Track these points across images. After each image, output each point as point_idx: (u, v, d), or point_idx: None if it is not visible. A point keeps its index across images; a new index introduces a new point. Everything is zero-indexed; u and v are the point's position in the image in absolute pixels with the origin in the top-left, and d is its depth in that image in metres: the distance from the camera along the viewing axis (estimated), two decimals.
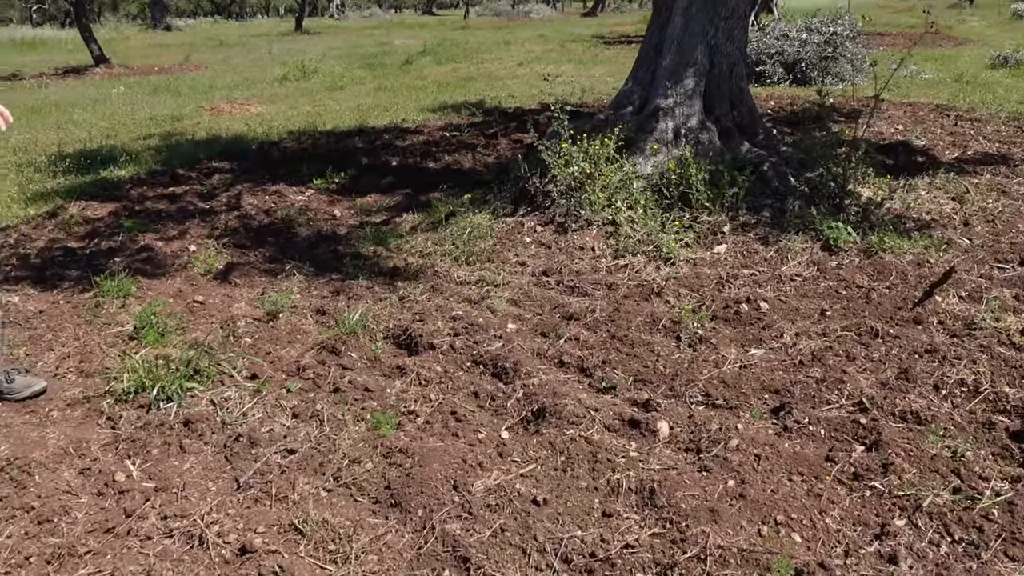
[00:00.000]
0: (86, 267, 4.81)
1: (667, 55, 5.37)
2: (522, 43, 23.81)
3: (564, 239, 4.81)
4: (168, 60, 22.40)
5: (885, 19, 29.89)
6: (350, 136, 8.98)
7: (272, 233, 5.49)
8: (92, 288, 4.40)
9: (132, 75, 18.46)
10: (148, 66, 20.81)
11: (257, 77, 16.60)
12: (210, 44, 29.68)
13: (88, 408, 3.18)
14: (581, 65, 16.83)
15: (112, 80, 17.01)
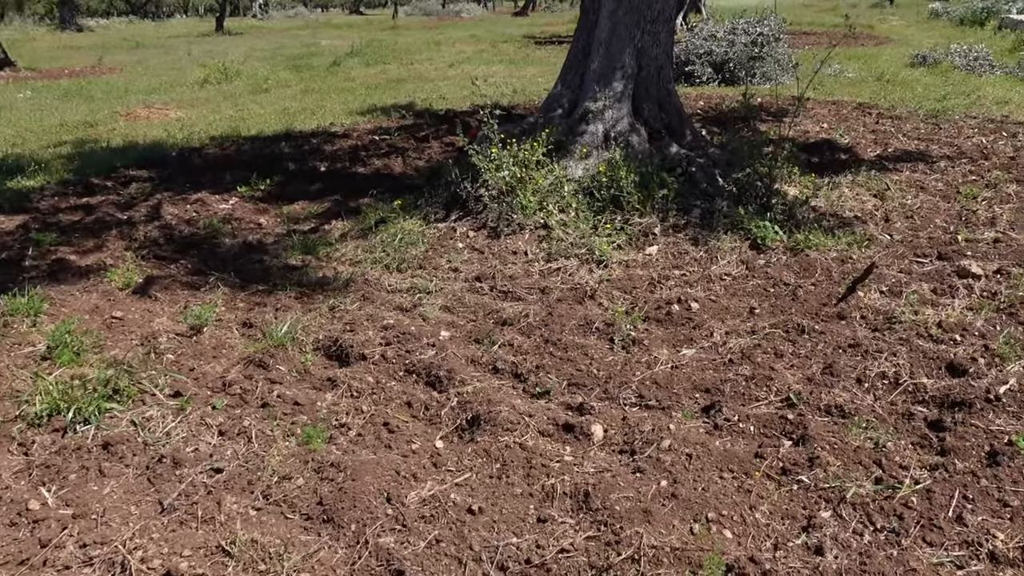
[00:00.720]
0: None
1: (595, 58, 5.47)
2: (453, 43, 23.83)
3: (497, 244, 4.85)
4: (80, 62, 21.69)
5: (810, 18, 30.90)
6: (276, 141, 8.87)
7: (194, 244, 5.39)
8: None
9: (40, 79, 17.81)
10: (58, 69, 20.14)
11: (176, 80, 16.21)
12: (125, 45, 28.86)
13: None
14: (513, 66, 16.95)
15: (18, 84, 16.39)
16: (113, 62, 21.57)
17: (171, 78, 16.71)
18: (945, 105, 9.81)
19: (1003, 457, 2.73)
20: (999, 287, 4.18)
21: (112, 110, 11.81)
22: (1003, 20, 20.69)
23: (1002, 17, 21.17)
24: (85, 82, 16.23)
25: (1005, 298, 4.03)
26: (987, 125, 8.60)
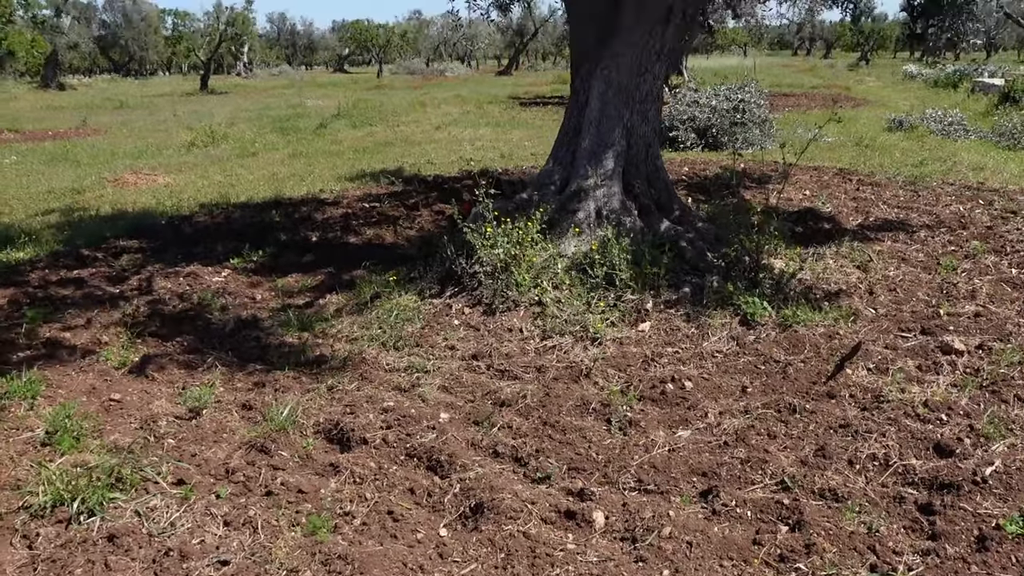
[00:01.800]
0: None
1: (586, 137, 5.69)
2: (439, 104, 24.32)
3: (492, 321, 4.98)
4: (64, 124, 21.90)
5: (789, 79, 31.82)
6: (266, 209, 9.02)
7: (189, 320, 5.47)
8: None
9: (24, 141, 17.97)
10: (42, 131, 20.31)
11: (162, 143, 16.42)
12: (109, 105, 29.14)
13: (0, 526, 3.12)
14: (499, 128, 17.31)
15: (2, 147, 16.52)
16: (98, 123, 21.80)
17: (157, 140, 16.91)
18: (923, 171, 10.16)
19: (991, 542, 2.84)
20: (981, 363, 4.35)
21: (100, 176, 11.94)
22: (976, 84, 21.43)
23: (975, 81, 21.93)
24: (70, 145, 16.40)
25: (987, 375, 4.19)
26: (964, 192, 8.92)
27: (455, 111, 22.10)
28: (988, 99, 18.72)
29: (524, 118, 19.84)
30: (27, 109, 27.46)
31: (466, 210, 5.80)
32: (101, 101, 31.11)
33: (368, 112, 21.45)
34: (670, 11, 5.59)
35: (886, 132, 14.56)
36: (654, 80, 5.82)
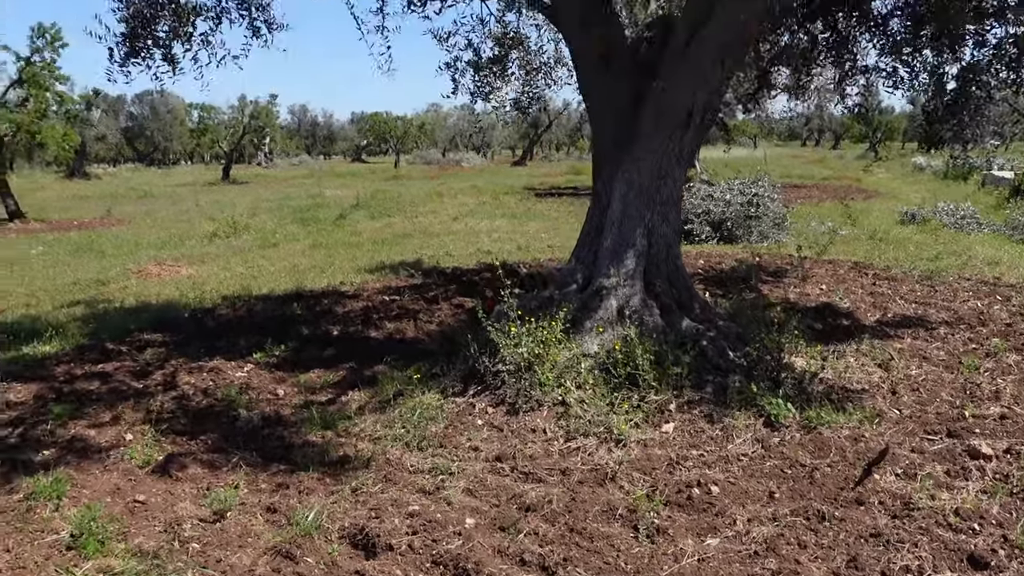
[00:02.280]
0: (11, 462, 4.71)
1: (608, 237, 5.81)
2: (455, 195, 24.81)
3: (516, 421, 4.99)
4: (88, 213, 22.45)
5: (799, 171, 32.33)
6: (287, 302, 9.14)
7: (213, 416, 5.51)
8: (20, 488, 4.33)
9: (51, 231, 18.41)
10: (67, 220, 20.82)
11: (185, 233, 16.78)
12: (133, 195, 29.90)
13: None
14: (515, 220, 17.61)
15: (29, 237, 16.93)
16: (122, 213, 22.33)
17: (180, 231, 17.29)
18: (938, 265, 10.22)
19: None
20: (1011, 468, 4.30)
21: (124, 267, 12.19)
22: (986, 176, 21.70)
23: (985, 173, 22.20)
24: (95, 235, 16.78)
25: (1018, 481, 4.14)
26: (981, 288, 8.96)
27: (472, 202, 22.54)
28: (999, 192, 18.94)
29: (539, 209, 20.19)
30: (53, 199, 28.20)
31: (489, 307, 5.88)
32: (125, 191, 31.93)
33: (386, 203, 21.91)
34: (689, 116, 5.78)
35: (899, 225, 14.71)
36: (674, 183, 5.97)
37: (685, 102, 5.78)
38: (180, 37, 5.36)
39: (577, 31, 6.43)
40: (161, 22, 5.29)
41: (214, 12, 5.55)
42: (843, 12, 6.11)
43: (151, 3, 5.23)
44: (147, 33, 5.28)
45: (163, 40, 5.33)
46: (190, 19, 5.37)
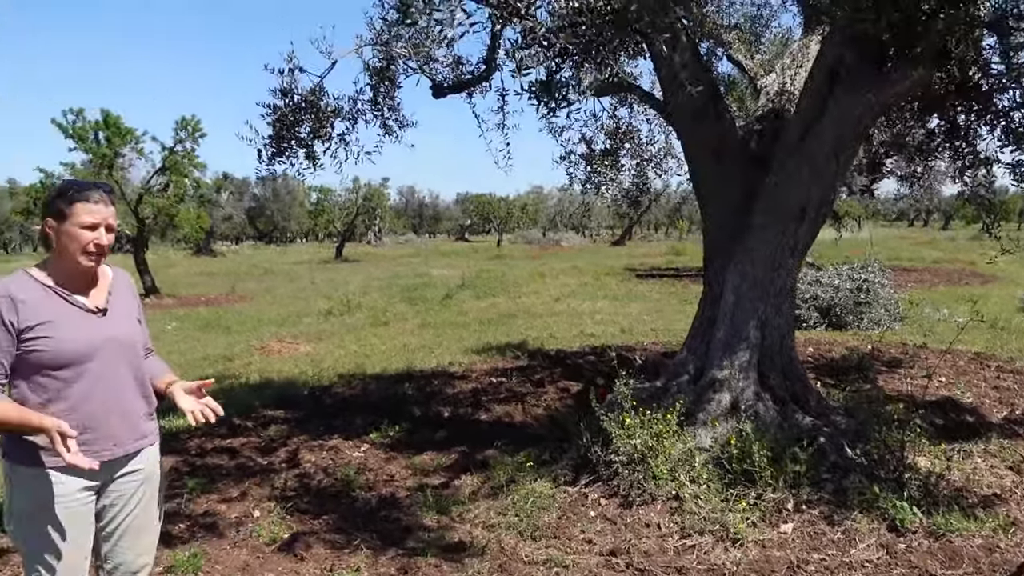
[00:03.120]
0: None
1: (720, 329, 5.76)
2: (556, 275, 25.03)
3: (629, 514, 4.91)
4: (214, 290, 23.72)
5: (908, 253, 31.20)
6: (399, 381, 9.36)
7: (333, 496, 5.64)
8: (161, 561, 4.52)
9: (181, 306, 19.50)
10: (195, 296, 22.03)
11: (302, 310, 17.48)
12: (254, 272, 31.45)
13: None
14: (617, 301, 17.59)
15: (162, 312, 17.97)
16: (244, 289, 23.51)
17: (297, 308, 18.04)
18: None
19: None
20: None
21: (248, 343, 12.77)
22: None
23: None
24: (221, 311, 17.69)
25: None
26: None
27: (573, 282, 22.68)
28: None
29: (641, 291, 20.12)
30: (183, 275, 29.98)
31: (601, 395, 5.87)
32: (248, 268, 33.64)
33: (490, 282, 22.30)
34: (803, 211, 5.74)
35: (1021, 312, 13.94)
36: (788, 274, 5.90)
37: (799, 197, 5.74)
38: (320, 137, 5.74)
39: (688, 125, 6.52)
40: (304, 124, 5.69)
41: (351, 114, 5.92)
42: (963, 105, 5.99)
43: (295, 108, 5.64)
44: (291, 135, 5.68)
45: (305, 140, 5.72)
46: (329, 121, 5.75)
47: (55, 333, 2.68)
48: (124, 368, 2.89)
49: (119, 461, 2.89)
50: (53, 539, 2.72)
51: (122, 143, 21.25)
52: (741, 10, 9.15)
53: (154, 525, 3.13)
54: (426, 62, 6.08)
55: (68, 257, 2.74)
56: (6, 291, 2.64)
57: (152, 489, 3.08)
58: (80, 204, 2.72)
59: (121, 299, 2.97)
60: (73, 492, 2.75)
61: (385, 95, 6.23)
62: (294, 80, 5.71)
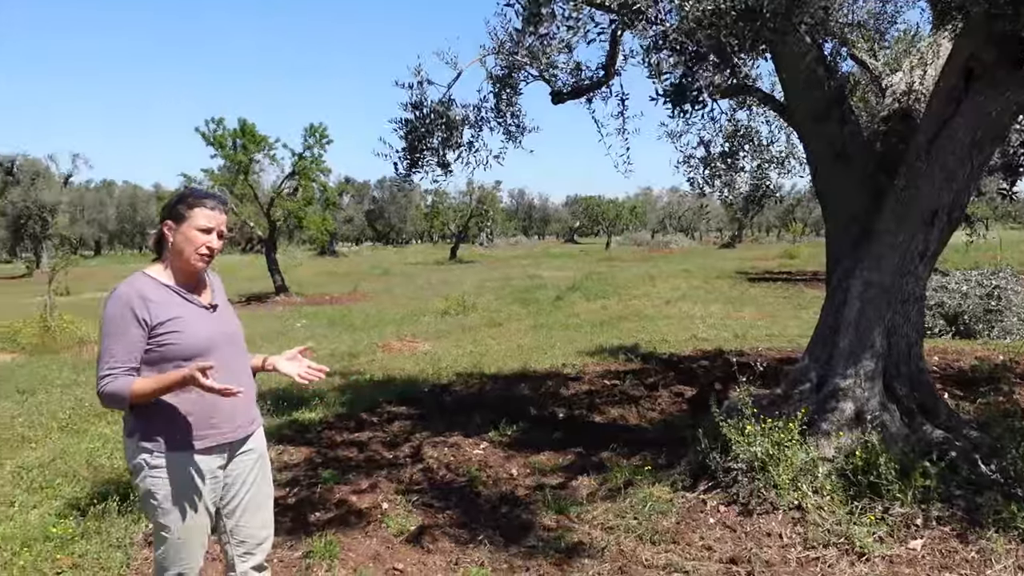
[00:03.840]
0: (293, 521, 5.19)
1: (844, 337, 5.55)
2: (667, 278, 24.68)
3: (749, 522, 4.81)
4: (338, 289, 24.62)
5: None
6: (515, 382, 9.47)
7: (456, 491, 5.78)
8: (300, 546, 4.76)
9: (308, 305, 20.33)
10: (321, 295, 22.92)
11: (420, 310, 17.93)
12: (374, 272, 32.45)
13: None
14: (729, 305, 17.19)
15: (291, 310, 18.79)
16: (365, 289, 24.29)
17: (415, 308, 18.51)
18: None
19: None
20: None
21: (371, 340, 13.21)
22: None
23: None
24: (345, 310, 18.36)
25: None
26: None
27: (683, 285, 22.31)
28: None
29: (753, 295, 19.59)
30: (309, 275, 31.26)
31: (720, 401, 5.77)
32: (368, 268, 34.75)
33: (601, 285, 22.22)
34: (934, 215, 5.46)
35: None
36: (916, 281, 5.62)
37: (930, 200, 5.46)
38: (451, 146, 5.92)
39: (811, 127, 6.31)
40: (435, 135, 5.87)
41: (476, 122, 6.07)
42: None
43: (425, 119, 5.82)
44: (423, 145, 5.87)
45: (437, 150, 5.91)
46: (459, 129, 5.92)
47: (182, 328, 2.92)
48: (236, 358, 3.13)
49: (238, 442, 3.13)
50: (184, 517, 2.97)
51: (256, 149, 22.39)
52: (865, 7, 8.78)
53: (269, 501, 3.35)
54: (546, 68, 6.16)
55: (183, 258, 2.98)
56: (138, 292, 2.90)
57: (264, 467, 3.32)
58: (198, 209, 2.96)
59: (222, 297, 3.23)
60: (204, 472, 2.98)
61: (507, 102, 6.35)
62: (423, 92, 5.90)
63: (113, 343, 2.84)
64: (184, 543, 2.99)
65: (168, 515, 2.95)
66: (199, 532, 3.03)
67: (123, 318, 2.84)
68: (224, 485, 3.12)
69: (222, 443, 3.02)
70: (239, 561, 3.22)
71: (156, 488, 2.92)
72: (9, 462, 6.90)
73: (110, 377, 2.82)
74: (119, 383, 2.81)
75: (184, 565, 3.02)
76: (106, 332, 2.86)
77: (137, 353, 2.87)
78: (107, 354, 2.84)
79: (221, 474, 3.07)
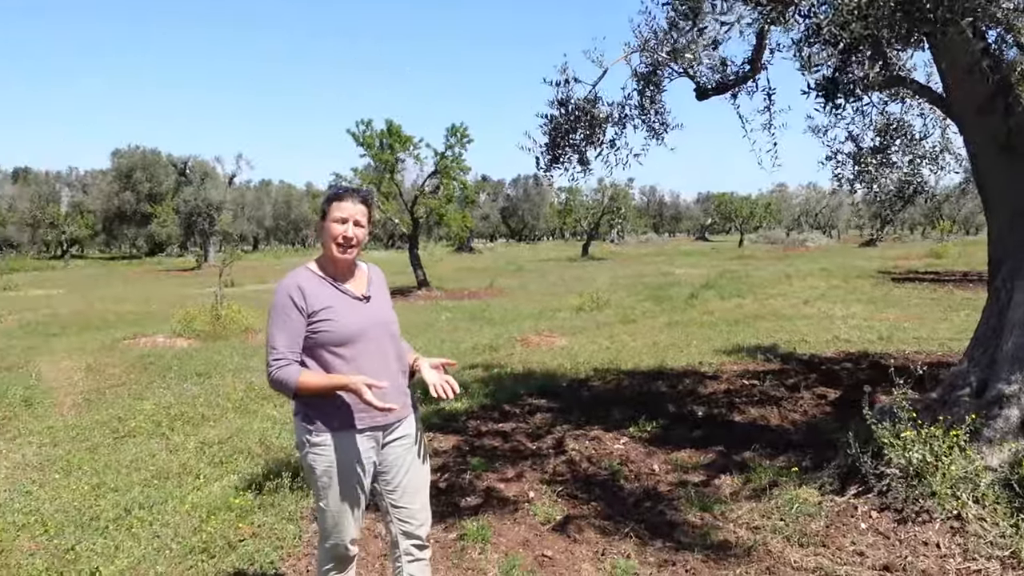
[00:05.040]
0: (447, 505, 5.39)
1: (1008, 340, 5.17)
2: (804, 277, 23.70)
3: (904, 530, 4.58)
4: (475, 284, 25.16)
5: None
6: (652, 379, 9.39)
7: (598, 484, 5.82)
8: (454, 528, 4.94)
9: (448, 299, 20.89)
10: (459, 290, 23.50)
11: (554, 306, 18.05)
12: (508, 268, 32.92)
13: None
14: (872, 306, 16.31)
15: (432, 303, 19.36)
16: (501, 284, 24.69)
17: (550, 304, 18.65)
18: None
19: None
20: None
21: (509, 335, 13.43)
22: None
23: None
24: (483, 304, 18.75)
25: None
26: None
27: (822, 285, 21.35)
28: None
29: (898, 296, 18.48)
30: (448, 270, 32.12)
31: (872, 403, 5.51)
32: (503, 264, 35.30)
33: (735, 283, 21.60)
34: None
35: None
36: None
37: None
38: (593, 143, 5.95)
39: (972, 119, 5.92)
40: (578, 131, 5.92)
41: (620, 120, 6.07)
42: None
43: (569, 117, 5.88)
44: (566, 142, 5.94)
45: (579, 146, 5.96)
46: (601, 127, 5.94)
47: (334, 316, 3.10)
48: (388, 346, 3.28)
49: (392, 427, 3.29)
50: (339, 491, 3.18)
51: (401, 149, 23.22)
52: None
53: (426, 483, 3.51)
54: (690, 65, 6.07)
55: (328, 249, 3.18)
56: (295, 283, 3.12)
57: (421, 450, 3.46)
58: (335, 203, 3.17)
59: (378, 289, 3.37)
60: (357, 452, 3.17)
61: (651, 99, 6.30)
62: (569, 90, 5.96)
63: (279, 331, 3.05)
64: (338, 515, 3.22)
65: (325, 489, 3.18)
66: (352, 506, 3.23)
67: (285, 307, 3.07)
68: (384, 469, 3.31)
69: (374, 426, 3.20)
70: (402, 539, 3.40)
71: (315, 464, 3.16)
72: (192, 438, 7.51)
73: (280, 363, 3.03)
74: (287, 372, 3.02)
75: (339, 535, 3.27)
76: (272, 321, 3.08)
77: (300, 339, 3.06)
78: (274, 340, 3.05)
79: (374, 455, 3.25)
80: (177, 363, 11.71)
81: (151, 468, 6.55)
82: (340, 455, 3.14)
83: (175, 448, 7.18)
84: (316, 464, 3.16)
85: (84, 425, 8.20)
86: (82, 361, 12.32)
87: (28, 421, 8.54)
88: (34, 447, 7.46)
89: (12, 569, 4.51)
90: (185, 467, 6.54)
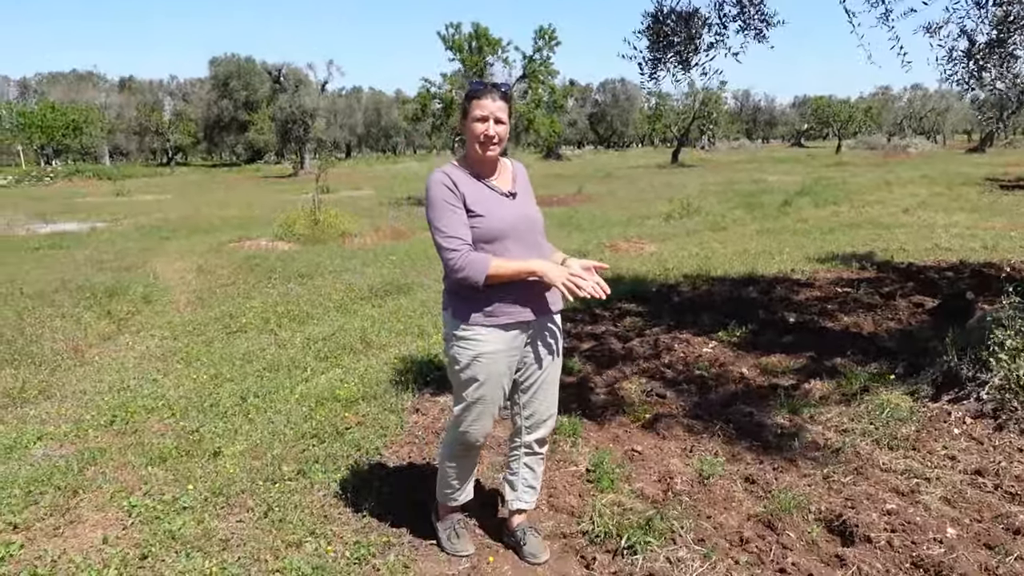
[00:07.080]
0: None
1: None
2: (904, 184, 22.50)
3: (999, 436, 4.49)
4: (563, 190, 24.96)
5: None
6: (742, 285, 9.26)
7: (688, 383, 5.88)
8: None
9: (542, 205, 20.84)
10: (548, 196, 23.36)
11: (643, 213, 17.80)
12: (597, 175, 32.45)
13: (564, 544, 3.71)
14: (976, 215, 15.43)
15: None
16: (589, 191, 24.42)
17: (639, 210, 18.40)
18: None
19: None
20: None
21: (599, 241, 13.40)
22: None
23: None
24: (572, 211, 18.65)
25: None
26: None
27: (923, 192, 20.24)
28: None
29: (1006, 203, 17.37)
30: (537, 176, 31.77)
31: (971, 310, 5.32)
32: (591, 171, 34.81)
33: (831, 190, 20.72)
34: None
35: None
36: None
37: None
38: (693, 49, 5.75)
39: None
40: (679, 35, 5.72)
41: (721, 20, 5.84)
42: None
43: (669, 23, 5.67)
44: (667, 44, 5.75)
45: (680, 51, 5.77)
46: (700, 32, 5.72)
47: (484, 211, 3.04)
48: (535, 242, 3.22)
49: (537, 323, 3.26)
50: (480, 384, 3.21)
51: (490, 51, 22.82)
52: None
53: (556, 383, 3.52)
54: None
55: (472, 147, 3.09)
56: (447, 175, 3.06)
57: (558, 350, 3.44)
58: (475, 101, 3.04)
59: (523, 186, 3.31)
60: (502, 347, 3.17)
61: None
62: None
63: (447, 223, 2.98)
64: (476, 407, 3.26)
65: (467, 381, 3.22)
66: (491, 401, 3.26)
67: (446, 198, 3.01)
68: (524, 364, 3.32)
69: (520, 321, 3.16)
70: (525, 432, 3.52)
71: (459, 356, 3.19)
72: (299, 334, 7.94)
73: (461, 254, 2.95)
74: (474, 260, 2.94)
75: (472, 427, 3.33)
76: (437, 216, 3.00)
77: (468, 227, 2.99)
78: (446, 232, 2.97)
79: (518, 351, 3.24)
80: (280, 265, 12.24)
81: (263, 361, 6.98)
82: (484, 349, 3.13)
83: (283, 343, 7.61)
84: (460, 356, 3.18)
85: (199, 321, 8.76)
86: (193, 262, 13.04)
87: (149, 316, 9.19)
88: (156, 340, 8.05)
89: (146, 447, 4.96)
90: (293, 360, 6.94)
